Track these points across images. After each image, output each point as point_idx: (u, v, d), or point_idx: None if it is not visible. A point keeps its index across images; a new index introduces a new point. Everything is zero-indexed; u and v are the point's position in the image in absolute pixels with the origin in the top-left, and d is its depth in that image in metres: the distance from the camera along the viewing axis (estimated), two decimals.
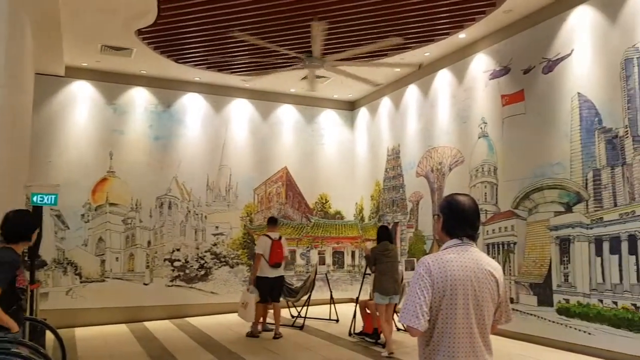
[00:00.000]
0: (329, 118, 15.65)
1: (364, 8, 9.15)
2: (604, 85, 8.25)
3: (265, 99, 14.72)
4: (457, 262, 2.73)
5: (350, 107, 15.91)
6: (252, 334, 10.21)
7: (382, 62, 11.50)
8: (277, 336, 10.04)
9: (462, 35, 10.64)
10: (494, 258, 10.16)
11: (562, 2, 8.95)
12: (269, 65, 11.79)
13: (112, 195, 12.74)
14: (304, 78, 11.63)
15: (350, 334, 10.23)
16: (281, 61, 10.97)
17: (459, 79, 11.48)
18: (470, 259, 2.76)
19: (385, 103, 14.32)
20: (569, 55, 8.85)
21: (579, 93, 8.65)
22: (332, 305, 11.94)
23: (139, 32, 10.24)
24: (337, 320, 11.76)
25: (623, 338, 7.61)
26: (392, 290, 8.74)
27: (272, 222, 10.62)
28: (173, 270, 13.20)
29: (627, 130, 7.87)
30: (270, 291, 10.09)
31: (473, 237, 2.86)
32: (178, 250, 13.33)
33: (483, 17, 9.72)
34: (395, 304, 9.15)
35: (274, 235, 10.27)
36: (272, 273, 10.04)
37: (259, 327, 10.36)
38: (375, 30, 10.17)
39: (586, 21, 8.56)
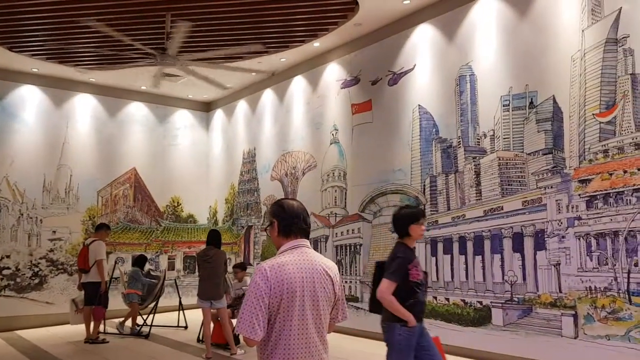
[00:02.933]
0: (183, 118, 15.17)
1: (223, 9, 9.03)
2: (441, 98, 8.98)
3: (113, 95, 13.85)
4: (294, 264, 2.77)
5: (205, 108, 15.58)
6: (94, 340, 9.88)
7: (236, 67, 11.43)
8: (88, 340, 9.93)
9: (317, 44, 10.96)
10: (341, 259, 10.57)
11: (406, 19, 9.59)
12: (118, 59, 11.11)
13: None
14: (160, 75, 11.16)
15: (198, 341, 9.96)
16: (132, 55, 10.40)
17: (313, 86, 11.79)
18: (306, 260, 2.81)
19: (242, 106, 14.25)
20: (411, 69, 9.51)
21: (419, 105, 9.32)
22: (181, 312, 11.55)
23: None
24: (186, 327, 11.39)
25: (454, 332, 8.29)
26: (212, 295, 8.60)
27: (98, 227, 10.74)
28: (2, 279, 11.86)
29: (459, 141, 8.64)
30: (86, 296, 10.02)
31: (307, 234, 2.93)
32: (8, 257, 12.02)
33: (335, 28, 10.09)
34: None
35: (88, 241, 10.25)
36: (83, 278, 10.01)
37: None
38: (233, 33, 10.09)
39: (427, 39, 9.25)
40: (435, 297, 8.73)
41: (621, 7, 6.61)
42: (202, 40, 10.27)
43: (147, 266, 12.31)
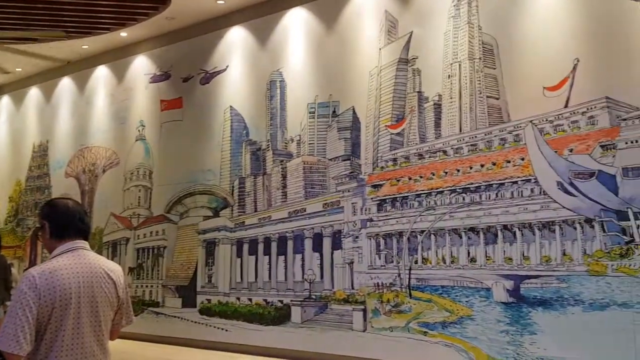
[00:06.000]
0: None
1: None
2: (252, 102, 9.10)
3: None
4: (69, 268, 2.56)
5: None
6: None
7: (25, 50, 10.26)
8: None
9: (124, 34, 10.35)
10: (143, 263, 10.08)
11: (221, 19, 9.54)
12: None
13: None
14: None
15: None
16: None
17: (118, 78, 11.10)
18: (83, 264, 2.61)
19: (34, 94, 12.81)
20: (224, 70, 9.48)
21: (231, 106, 9.33)
22: None
23: None
24: None
25: (255, 331, 8.40)
26: None
27: None
28: None
29: (268, 144, 8.85)
30: None
31: (86, 235, 2.73)
32: None
33: (146, 19, 9.63)
34: None
35: None
36: None
37: None
38: (25, 13, 9.01)
39: (240, 41, 9.31)
40: (238, 298, 8.77)
41: (412, 31, 7.38)
42: None
43: None
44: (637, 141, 5.62)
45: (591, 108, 5.91)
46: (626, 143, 5.68)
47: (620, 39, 5.79)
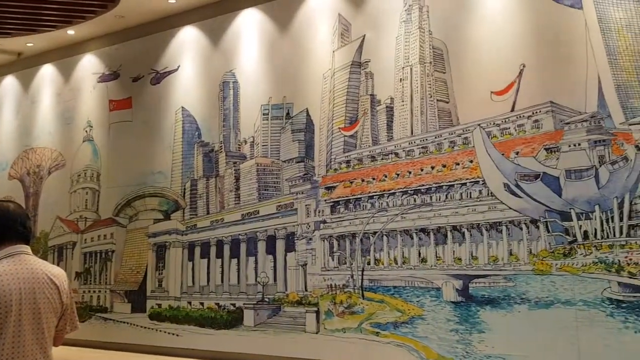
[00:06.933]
0: None
1: None
2: (205, 102, 8.98)
3: None
4: (9, 274, 2.47)
5: None
6: None
7: None
8: None
9: (71, 32, 10.05)
10: (90, 267, 9.78)
11: (172, 18, 9.37)
12: None
13: None
14: None
15: None
16: None
17: (65, 77, 10.76)
18: (25, 269, 2.52)
19: None
20: (175, 70, 9.32)
21: (183, 107, 9.18)
22: None
23: None
24: None
25: (207, 336, 8.27)
26: None
27: None
28: None
29: (221, 146, 8.74)
30: None
31: (27, 239, 2.64)
32: None
33: (94, 17, 9.38)
34: None
35: None
36: None
37: None
38: None
39: (193, 41, 9.17)
40: (189, 303, 8.62)
41: (365, 35, 7.44)
42: None
43: None
44: (579, 144, 5.84)
45: (536, 112, 6.10)
46: (569, 146, 5.89)
47: (564, 45, 6.01)
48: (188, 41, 9.23)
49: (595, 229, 5.64)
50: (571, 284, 5.68)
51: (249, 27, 8.54)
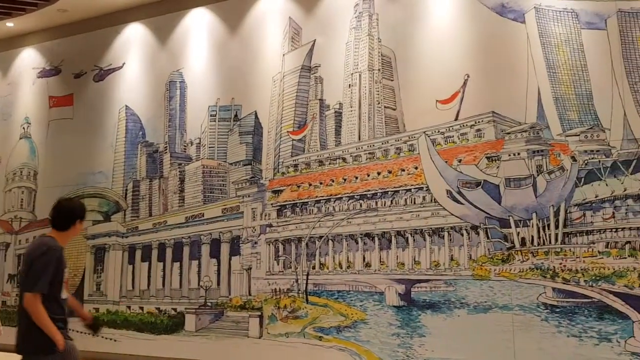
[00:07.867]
0: None
1: None
2: (150, 102, 8.76)
3: None
4: None
5: None
6: None
7: None
8: None
9: (10, 25, 9.64)
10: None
11: (117, 14, 9.11)
12: None
13: None
14: None
15: None
16: None
17: (3, 71, 10.30)
18: None
19: None
20: (120, 67, 9.06)
21: (126, 106, 8.93)
22: None
23: None
24: None
25: (146, 341, 8.03)
26: None
27: None
28: None
29: (166, 146, 8.55)
30: None
31: None
32: None
33: (35, 9, 9.03)
34: None
35: None
36: None
37: None
38: None
39: (138, 38, 8.95)
40: (129, 307, 8.35)
41: (315, 39, 7.46)
42: None
43: None
44: (518, 154, 6.04)
45: (479, 121, 6.28)
46: (509, 155, 6.08)
47: (506, 57, 6.21)
48: (134, 38, 8.99)
49: (532, 236, 5.84)
50: (509, 289, 5.85)
51: (198, 26, 8.41)
